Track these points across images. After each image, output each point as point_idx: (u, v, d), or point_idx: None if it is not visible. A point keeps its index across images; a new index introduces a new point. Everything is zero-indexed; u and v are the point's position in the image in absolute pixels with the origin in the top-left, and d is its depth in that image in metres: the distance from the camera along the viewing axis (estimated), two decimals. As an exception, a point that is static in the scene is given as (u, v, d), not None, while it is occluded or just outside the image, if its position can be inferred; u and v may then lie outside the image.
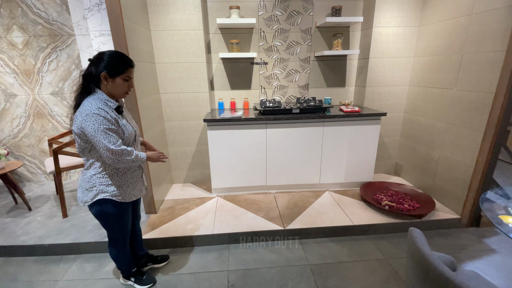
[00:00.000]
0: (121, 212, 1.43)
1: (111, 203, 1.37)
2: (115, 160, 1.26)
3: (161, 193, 2.51)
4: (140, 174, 1.52)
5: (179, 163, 2.83)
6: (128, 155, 1.31)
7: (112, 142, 1.24)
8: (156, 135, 2.43)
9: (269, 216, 2.23)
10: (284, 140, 2.48)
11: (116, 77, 1.29)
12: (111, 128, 1.25)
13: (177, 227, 2.11)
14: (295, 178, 2.62)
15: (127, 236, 1.56)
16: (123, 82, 1.32)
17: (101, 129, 1.21)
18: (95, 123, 1.20)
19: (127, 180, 1.42)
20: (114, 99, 1.35)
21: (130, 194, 1.44)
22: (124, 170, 1.40)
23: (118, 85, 1.31)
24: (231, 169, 2.53)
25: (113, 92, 1.32)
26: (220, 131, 2.40)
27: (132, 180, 1.45)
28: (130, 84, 1.36)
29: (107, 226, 1.47)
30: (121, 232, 1.51)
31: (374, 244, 2.03)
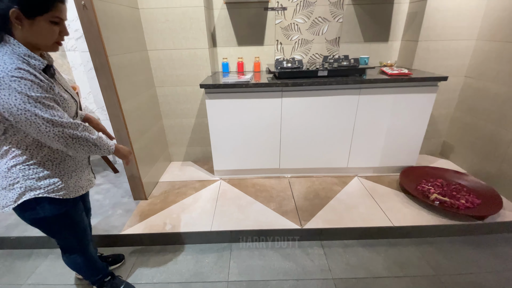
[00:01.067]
0: (66, 212, 1.02)
1: (48, 202, 0.95)
2: (68, 139, 0.86)
3: (155, 173, 2.10)
4: (87, 159, 1.10)
5: (176, 138, 2.37)
6: (89, 131, 0.92)
7: (58, 115, 0.83)
8: (144, 105, 1.94)
9: (283, 209, 1.78)
10: (305, 113, 1.91)
11: (37, 17, 0.79)
12: (47, 97, 0.81)
13: (169, 219, 1.72)
14: (316, 160, 2.10)
15: (87, 238, 1.18)
16: (50, 26, 0.82)
17: (33, 98, 0.77)
18: (20, 92, 0.75)
19: (68, 168, 0.99)
20: (38, 53, 0.86)
21: (76, 186, 1.02)
22: (62, 155, 0.96)
23: (42, 31, 0.82)
24: (237, 148, 2.04)
25: (35, 41, 0.82)
26: (222, 101, 1.87)
27: (76, 167, 1.02)
28: (62, 30, 0.86)
29: (52, 234, 1.08)
30: (75, 237, 1.12)
31: (419, 253, 1.55)
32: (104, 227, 1.67)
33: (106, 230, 1.64)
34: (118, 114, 1.63)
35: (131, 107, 1.74)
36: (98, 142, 0.95)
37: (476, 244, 1.60)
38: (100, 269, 1.30)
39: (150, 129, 2.04)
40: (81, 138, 0.89)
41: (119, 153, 1.10)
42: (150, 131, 2.04)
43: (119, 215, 1.78)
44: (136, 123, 1.81)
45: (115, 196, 2.00)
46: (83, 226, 1.14)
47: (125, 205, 1.88)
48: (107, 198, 1.97)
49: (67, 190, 0.99)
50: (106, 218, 1.75)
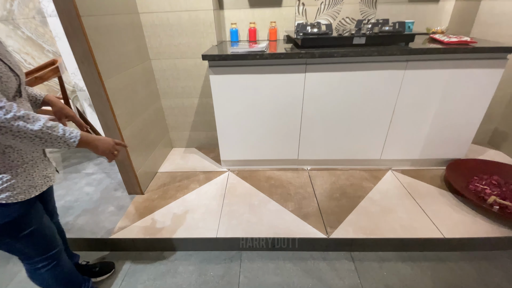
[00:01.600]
0: (17, 220, 0.76)
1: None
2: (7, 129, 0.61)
3: (153, 163, 1.81)
4: (40, 150, 0.82)
5: (177, 122, 2.04)
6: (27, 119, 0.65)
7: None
8: (137, 82, 1.60)
9: (303, 211, 1.47)
10: (334, 92, 1.53)
11: None
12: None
13: (167, 219, 1.45)
14: (343, 150, 1.75)
15: (54, 247, 0.92)
16: None
17: None
18: None
19: (11, 163, 0.72)
20: None
21: (25, 185, 0.76)
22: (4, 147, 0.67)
23: None
24: (248, 134, 1.71)
25: None
26: (230, 77, 1.50)
27: (24, 162, 0.75)
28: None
29: (5, 247, 0.82)
30: (36, 248, 0.87)
31: (475, 270, 1.24)
32: (93, 227, 1.42)
33: (94, 232, 1.39)
34: (100, 93, 1.30)
35: (118, 85, 1.41)
36: (43, 135, 0.64)
37: (550, 262, 1.27)
38: (77, 284, 1.05)
39: (145, 111, 1.71)
40: (12, 129, 0.59)
41: (91, 146, 0.79)
42: (145, 114, 1.71)
43: (110, 213, 1.52)
44: (125, 104, 1.48)
45: (108, 188, 1.73)
46: (45, 234, 0.87)
47: (118, 200, 1.61)
48: (98, 191, 1.71)
49: (12, 191, 0.71)
50: (95, 216, 1.49)
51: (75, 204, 1.60)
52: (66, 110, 0.94)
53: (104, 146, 0.83)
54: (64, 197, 1.66)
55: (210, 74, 1.49)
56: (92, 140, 0.79)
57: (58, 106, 0.92)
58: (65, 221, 1.47)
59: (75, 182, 1.81)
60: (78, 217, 1.49)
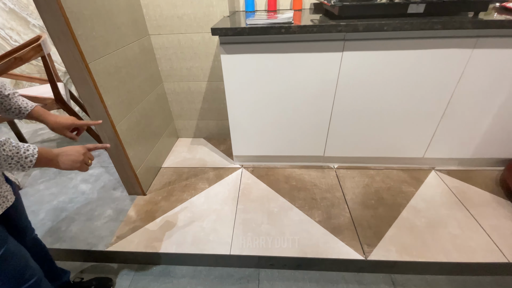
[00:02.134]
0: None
1: None
2: None
3: (156, 157, 1.59)
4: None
5: (183, 109, 1.78)
6: None
7: None
8: (133, 63, 1.32)
9: (333, 222, 1.23)
10: (376, 77, 1.23)
11: None
12: None
13: (172, 228, 1.24)
14: (379, 147, 1.47)
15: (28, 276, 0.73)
16: None
17: None
18: None
19: None
20: None
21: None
22: None
23: None
24: (266, 127, 1.44)
25: None
26: (247, 57, 1.21)
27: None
28: None
29: None
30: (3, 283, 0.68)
31: (549, 305, 1.00)
32: (87, 237, 1.23)
33: (89, 242, 1.20)
34: (84, 78, 1.04)
35: (108, 67, 1.14)
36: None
37: None
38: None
39: (144, 98, 1.45)
40: None
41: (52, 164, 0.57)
42: (145, 102, 1.46)
43: (108, 218, 1.32)
44: (119, 91, 1.22)
45: (106, 187, 1.53)
46: (13, 263, 0.67)
47: (117, 202, 1.41)
48: (95, 190, 1.51)
49: None
50: (91, 222, 1.30)
51: (69, 205, 1.41)
52: (64, 122, 0.71)
53: (68, 160, 0.63)
54: (57, 196, 1.47)
55: (222, 54, 1.20)
56: (53, 157, 0.56)
57: (52, 122, 0.69)
58: (57, 227, 1.28)
59: (70, 177, 1.61)
60: (72, 223, 1.30)
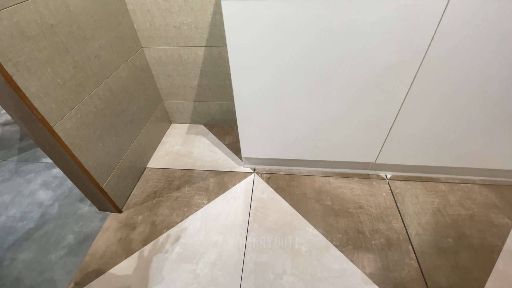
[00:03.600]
0: None
1: None
2: None
3: (138, 153, 1.16)
4: None
5: (173, 85, 1.29)
6: None
7: None
8: (89, 20, 0.81)
9: (392, 277, 0.81)
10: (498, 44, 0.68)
11: None
12: None
13: (152, 274, 0.86)
14: (459, 153, 0.97)
15: None
16: None
17: None
18: None
19: None
20: None
21: None
22: None
23: None
24: (289, 117, 0.95)
25: None
26: (261, 3, 0.68)
27: None
28: None
29: None
30: None
31: None
32: (34, 279, 0.87)
33: (36, 288, 0.85)
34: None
35: (25, 27, 0.65)
36: None
37: None
38: None
39: (112, 73, 0.97)
40: None
41: None
42: (113, 78, 0.97)
43: (67, 249, 0.94)
44: (54, 66, 0.74)
45: (71, 196, 1.14)
46: None
47: (82, 222, 1.03)
48: (56, 200, 1.12)
49: None
50: (43, 256, 0.93)
51: (19, 224, 1.04)
52: None
53: None
54: (8, 208, 1.10)
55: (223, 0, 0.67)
56: None
57: None
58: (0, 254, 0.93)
59: (28, 179, 1.23)
60: (19, 254, 0.94)
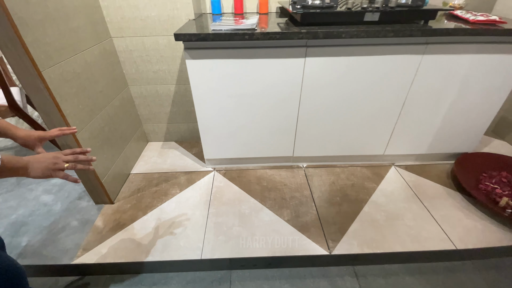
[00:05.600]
0: None
1: None
2: None
3: (124, 163, 1.55)
4: None
5: (151, 112, 1.74)
6: None
7: None
8: (94, 67, 1.27)
9: (301, 220, 1.29)
10: (338, 81, 1.29)
11: None
12: None
13: (141, 236, 1.23)
14: (343, 146, 1.55)
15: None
16: None
17: None
18: None
19: None
20: None
21: None
22: None
23: None
24: (235, 130, 1.46)
25: None
26: (212, 62, 1.21)
27: None
28: None
29: None
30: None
31: (485, 282, 1.14)
32: (51, 251, 1.18)
33: (53, 256, 1.15)
34: (38, 86, 0.98)
35: (64, 74, 1.08)
36: None
37: None
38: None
39: (108, 103, 1.40)
40: None
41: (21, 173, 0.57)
42: (109, 107, 1.41)
43: (73, 230, 1.27)
44: (78, 98, 1.17)
45: (70, 196, 1.47)
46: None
47: (83, 213, 1.36)
48: (58, 201, 1.44)
49: None
50: (54, 235, 1.25)
51: (29, 219, 1.33)
52: (37, 135, 0.70)
53: (40, 168, 0.61)
54: (16, 209, 1.39)
55: (187, 59, 1.19)
56: (23, 164, 0.55)
57: (22, 136, 0.68)
58: (17, 242, 1.22)
59: (30, 188, 1.52)
60: (34, 237, 1.24)
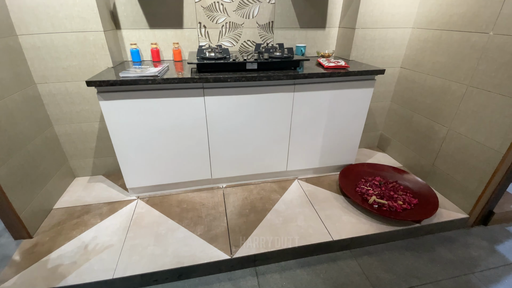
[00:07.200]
0: None
1: None
2: None
3: (45, 199, 1.60)
4: None
5: (77, 149, 1.85)
6: None
7: None
8: (16, 111, 1.39)
9: (212, 233, 1.49)
10: (234, 113, 1.60)
11: None
12: None
13: (56, 266, 1.29)
14: (253, 166, 1.84)
15: None
16: None
17: None
18: None
19: None
20: None
21: None
22: None
23: None
24: (154, 159, 1.65)
25: None
26: (124, 102, 1.44)
27: None
28: None
29: None
30: None
31: (360, 267, 1.43)
32: (-49, 292, 1.17)
33: (-47, 297, 1.15)
34: None
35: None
36: None
37: (415, 248, 1.54)
38: None
39: (30, 142, 1.50)
40: None
41: None
42: (30, 145, 1.50)
43: (-18, 268, 1.28)
44: (-7, 139, 1.28)
45: (-17, 237, 1.46)
46: None
47: (1, 249, 1.37)
48: (-33, 242, 1.42)
49: None
50: (-42, 277, 1.24)
51: None
52: None
53: None
54: None
55: (100, 100, 1.40)
56: None
57: None
58: None
59: None
60: None
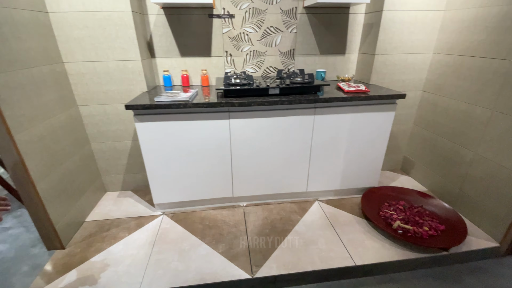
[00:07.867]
0: None
1: None
2: None
3: (79, 211, 1.72)
4: None
5: (109, 165, 2.00)
6: None
7: None
8: (59, 130, 1.56)
9: (233, 252, 1.51)
10: (257, 135, 1.68)
11: None
12: None
13: (86, 277, 1.36)
14: (273, 186, 1.87)
15: None
16: None
17: None
18: None
19: None
20: None
21: None
22: None
23: None
24: (181, 176, 1.74)
25: None
26: (156, 124, 1.56)
27: None
28: None
29: None
30: None
31: (383, 294, 1.38)
32: (-5, 296, 1.27)
33: (-4, 301, 1.25)
34: (9, 147, 1.25)
35: (32, 137, 1.36)
36: None
37: (443, 277, 1.47)
38: None
39: (69, 158, 1.66)
40: None
41: None
42: (69, 161, 1.65)
43: (23, 274, 1.38)
44: (41, 155, 1.43)
45: (24, 245, 1.58)
46: None
47: (34, 258, 1.48)
48: (12, 249, 1.55)
49: None
50: (4, 280, 1.34)
51: (-22, 269, 1.42)
52: None
53: None
54: (-34, 261, 1.47)
55: (136, 122, 1.53)
56: None
57: None
58: None
59: (-17, 241, 1.62)
60: (-21, 285, 1.33)
